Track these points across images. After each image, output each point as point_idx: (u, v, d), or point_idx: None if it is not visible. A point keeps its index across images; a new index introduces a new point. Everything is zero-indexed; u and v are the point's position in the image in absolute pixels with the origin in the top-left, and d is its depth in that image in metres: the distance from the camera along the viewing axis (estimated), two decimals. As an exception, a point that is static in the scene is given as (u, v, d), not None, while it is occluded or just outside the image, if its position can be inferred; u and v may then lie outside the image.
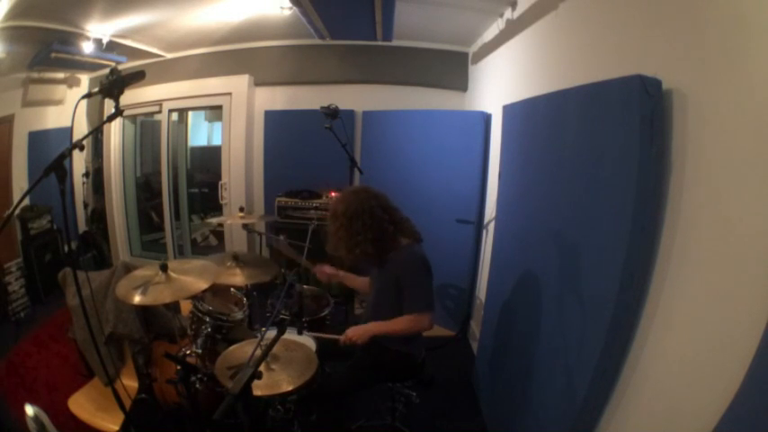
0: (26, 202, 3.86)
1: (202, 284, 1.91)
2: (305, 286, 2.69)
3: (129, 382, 2.13)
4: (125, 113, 1.61)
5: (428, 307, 1.85)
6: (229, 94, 4.27)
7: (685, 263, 1.18)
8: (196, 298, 2.15)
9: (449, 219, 3.45)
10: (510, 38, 2.77)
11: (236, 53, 4.22)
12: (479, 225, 3.39)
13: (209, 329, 2.14)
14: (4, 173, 3.93)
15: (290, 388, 1.55)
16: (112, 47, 3.57)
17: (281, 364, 1.65)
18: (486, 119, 3.28)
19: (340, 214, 1.87)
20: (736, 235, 1.01)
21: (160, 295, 1.82)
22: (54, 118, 4.42)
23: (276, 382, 1.57)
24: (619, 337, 1.37)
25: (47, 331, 3.34)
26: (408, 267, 1.87)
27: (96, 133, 4.63)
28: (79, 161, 4.81)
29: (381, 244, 1.86)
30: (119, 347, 2.27)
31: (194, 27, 3.55)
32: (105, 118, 1.52)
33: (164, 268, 1.91)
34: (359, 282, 2.26)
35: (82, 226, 4.94)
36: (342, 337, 1.90)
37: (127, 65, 4.06)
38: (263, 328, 1.67)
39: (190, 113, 5.06)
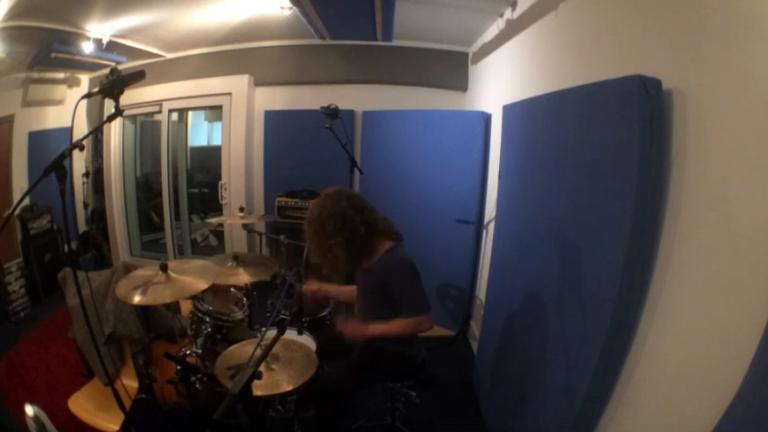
0: (26, 202, 3.86)
1: (202, 285, 1.91)
2: (305, 286, 2.69)
3: (129, 382, 2.13)
4: (125, 113, 1.60)
5: (424, 309, 1.84)
6: (229, 94, 4.27)
7: (685, 263, 1.18)
8: (196, 298, 2.15)
9: (449, 219, 3.45)
10: (510, 38, 2.77)
11: (236, 53, 4.22)
12: (479, 225, 3.39)
13: (209, 329, 2.14)
14: (4, 173, 3.93)
15: (290, 388, 1.55)
16: (112, 47, 3.57)
17: (281, 364, 1.65)
18: (486, 119, 3.28)
19: (314, 219, 1.83)
20: (736, 235, 1.01)
21: (160, 295, 1.81)
22: (54, 118, 4.42)
23: (276, 381, 1.57)
24: (619, 337, 1.37)
25: (47, 331, 3.34)
26: (396, 275, 1.84)
27: (96, 133, 4.63)
28: (79, 161, 4.81)
29: (353, 247, 1.82)
30: (119, 347, 2.27)
31: (194, 27, 3.55)
32: (105, 118, 1.52)
33: (164, 268, 1.91)
34: (345, 291, 2.21)
35: (82, 226, 4.94)
36: (339, 326, 1.89)
37: (127, 65, 4.06)
38: (263, 328, 1.67)
39: (190, 113, 5.06)
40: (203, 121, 6.24)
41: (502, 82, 2.97)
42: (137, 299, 1.78)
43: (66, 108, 4.52)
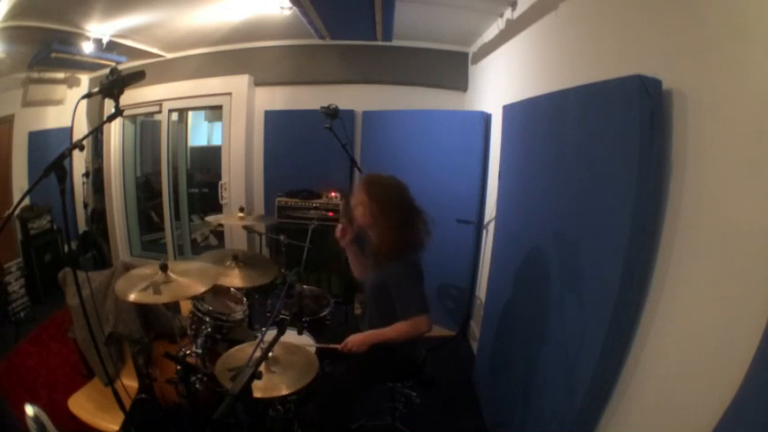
0: (26, 202, 3.86)
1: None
2: (305, 286, 2.69)
3: (129, 382, 2.12)
4: (125, 113, 1.60)
5: (422, 310, 1.81)
6: (229, 94, 4.27)
7: (685, 263, 1.18)
8: (196, 298, 2.15)
9: (449, 219, 3.45)
10: (510, 38, 2.77)
11: (236, 53, 4.22)
12: (479, 225, 3.39)
13: (209, 329, 2.14)
14: (4, 173, 3.93)
15: (288, 392, 1.55)
16: (112, 47, 3.57)
17: (281, 367, 1.65)
18: (486, 119, 3.27)
19: (381, 187, 2.07)
20: (736, 235, 1.01)
21: (182, 291, 1.82)
22: (54, 118, 4.42)
23: (275, 384, 1.56)
24: (619, 337, 1.37)
25: (47, 331, 3.34)
26: (393, 271, 1.85)
27: (96, 133, 4.63)
28: (79, 161, 4.82)
29: (401, 233, 1.90)
30: (119, 347, 2.27)
31: (194, 27, 3.55)
32: (105, 118, 1.52)
33: (163, 268, 1.90)
34: (359, 262, 2.18)
35: (82, 226, 4.94)
36: (341, 346, 1.89)
37: (127, 65, 4.06)
38: (264, 329, 1.67)
39: (190, 113, 5.06)
40: (203, 121, 6.25)
41: (502, 82, 2.97)
42: (142, 297, 1.77)
43: (66, 108, 4.52)
